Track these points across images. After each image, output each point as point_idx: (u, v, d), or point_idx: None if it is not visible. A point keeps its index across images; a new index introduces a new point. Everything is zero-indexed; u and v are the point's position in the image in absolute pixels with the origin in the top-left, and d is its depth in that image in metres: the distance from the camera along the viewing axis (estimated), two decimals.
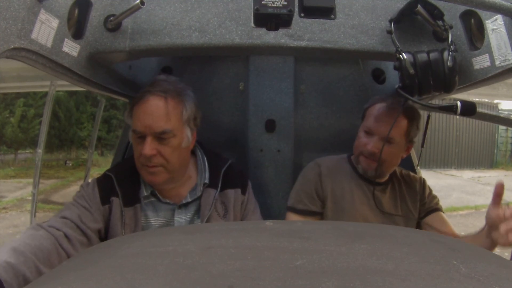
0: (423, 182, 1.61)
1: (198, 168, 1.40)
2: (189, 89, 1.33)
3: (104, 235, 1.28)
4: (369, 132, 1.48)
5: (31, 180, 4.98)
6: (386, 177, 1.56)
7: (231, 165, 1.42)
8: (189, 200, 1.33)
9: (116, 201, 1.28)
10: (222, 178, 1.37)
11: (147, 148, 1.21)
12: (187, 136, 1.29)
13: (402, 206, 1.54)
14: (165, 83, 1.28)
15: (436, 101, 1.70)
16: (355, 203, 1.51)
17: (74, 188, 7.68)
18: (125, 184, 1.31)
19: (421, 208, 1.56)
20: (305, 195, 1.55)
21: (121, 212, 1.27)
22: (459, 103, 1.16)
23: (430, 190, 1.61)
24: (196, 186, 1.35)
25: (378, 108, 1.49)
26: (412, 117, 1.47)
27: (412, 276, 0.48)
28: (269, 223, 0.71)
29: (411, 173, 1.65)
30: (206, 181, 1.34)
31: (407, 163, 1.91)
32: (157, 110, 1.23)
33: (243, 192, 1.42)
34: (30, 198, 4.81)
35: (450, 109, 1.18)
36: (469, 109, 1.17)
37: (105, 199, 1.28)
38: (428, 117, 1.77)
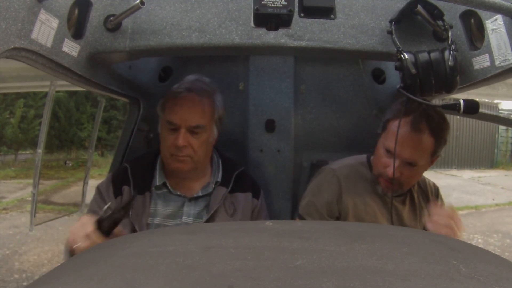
0: (436, 191, 1.57)
1: (212, 168, 1.50)
2: (219, 91, 1.48)
3: None
4: (391, 152, 1.33)
5: (31, 181, 4.99)
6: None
7: (244, 171, 1.53)
8: (200, 194, 1.42)
9: (127, 189, 1.39)
10: (234, 181, 1.46)
11: (181, 139, 1.34)
12: (214, 133, 1.44)
13: (420, 217, 1.48)
14: (201, 83, 1.41)
15: (436, 102, 1.70)
16: (377, 216, 1.44)
17: (74, 189, 7.67)
18: (139, 173, 1.41)
19: None
20: (315, 209, 1.47)
21: (129, 197, 1.36)
22: (462, 102, 1.16)
23: (442, 200, 1.57)
24: (209, 184, 1.45)
25: (402, 128, 1.31)
26: (439, 133, 1.35)
27: (412, 276, 0.48)
28: (269, 223, 0.71)
29: (426, 179, 1.57)
30: (219, 179, 1.45)
31: None
32: (194, 106, 1.36)
33: (256, 197, 1.50)
34: (30, 198, 4.81)
35: (453, 107, 1.18)
36: (472, 108, 1.17)
37: (117, 191, 1.40)
38: None
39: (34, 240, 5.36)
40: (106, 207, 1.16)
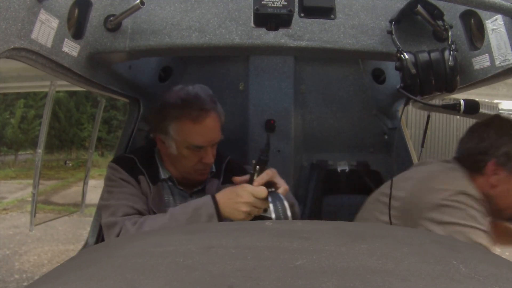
0: None
1: None
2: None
3: None
4: None
5: (31, 181, 4.99)
6: None
7: (231, 160, 1.57)
8: (200, 188, 1.48)
9: (143, 179, 1.40)
10: (224, 172, 1.51)
11: (210, 157, 1.39)
12: None
13: None
14: (208, 98, 1.40)
15: (435, 102, 1.70)
16: None
17: (75, 189, 7.67)
18: (146, 165, 1.43)
19: None
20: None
21: (149, 188, 1.39)
22: (462, 102, 1.16)
23: None
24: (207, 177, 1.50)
25: None
26: None
27: (412, 276, 0.48)
28: (269, 223, 0.71)
29: None
30: (214, 170, 1.50)
31: (407, 164, 1.91)
32: (215, 126, 1.39)
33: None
34: (30, 199, 4.81)
35: (453, 108, 1.18)
36: (472, 108, 1.17)
37: (135, 177, 1.40)
38: (428, 117, 1.77)
39: (34, 240, 5.37)
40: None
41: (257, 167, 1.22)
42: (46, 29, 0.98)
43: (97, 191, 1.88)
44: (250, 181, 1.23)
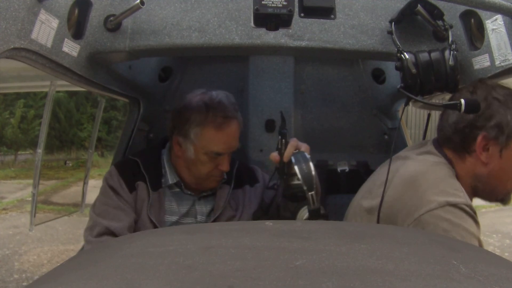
0: None
1: None
2: None
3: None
4: None
5: (31, 181, 4.99)
6: None
7: (240, 164, 1.56)
8: (209, 193, 1.46)
9: (142, 185, 1.38)
10: (235, 178, 1.50)
11: (227, 165, 1.39)
12: None
13: None
14: (232, 106, 1.39)
15: (435, 101, 1.70)
16: None
17: (74, 189, 7.67)
18: (150, 170, 1.41)
19: None
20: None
21: (148, 195, 1.37)
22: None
23: None
24: None
25: None
26: None
27: (412, 276, 0.48)
28: (269, 223, 0.71)
29: None
30: (225, 176, 1.47)
31: None
32: (236, 133, 1.39)
33: (252, 183, 1.54)
34: (30, 199, 4.81)
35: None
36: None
37: (131, 186, 1.37)
38: (429, 116, 1.76)
39: (34, 240, 5.37)
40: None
41: (283, 140, 1.21)
42: (46, 29, 0.98)
43: (97, 191, 1.87)
44: (281, 155, 1.21)
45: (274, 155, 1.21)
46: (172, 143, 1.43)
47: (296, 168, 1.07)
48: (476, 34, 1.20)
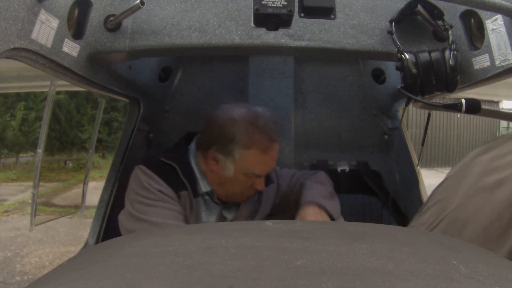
0: None
1: None
2: None
3: None
4: None
5: (32, 183, 4.99)
6: None
7: None
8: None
9: (184, 195, 1.32)
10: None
11: (263, 185, 1.38)
12: None
13: None
14: (276, 127, 1.36)
15: (435, 101, 1.70)
16: None
17: (75, 191, 7.67)
18: (188, 177, 1.34)
19: None
20: None
21: (189, 204, 1.32)
22: (463, 101, 1.16)
23: None
24: None
25: None
26: None
27: (412, 276, 0.48)
28: (269, 223, 0.71)
29: None
30: None
31: (407, 164, 1.91)
32: (277, 155, 1.37)
33: (267, 184, 1.48)
34: (31, 200, 4.81)
35: (454, 107, 1.18)
36: (473, 107, 1.17)
37: (175, 191, 1.31)
38: (429, 115, 1.76)
39: (36, 242, 5.36)
40: None
41: None
42: (46, 29, 0.98)
43: (97, 193, 1.88)
44: None
45: None
46: (205, 154, 1.35)
47: None
48: (476, 34, 1.20)
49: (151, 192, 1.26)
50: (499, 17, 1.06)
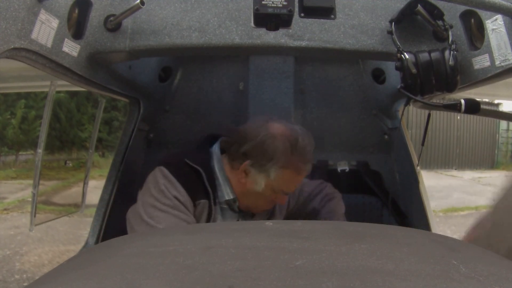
0: None
1: None
2: None
3: None
4: None
5: (32, 182, 4.99)
6: None
7: None
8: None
9: (203, 203, 1.27)
10: None
11: (285, 200, 1.41)
12: None
13: None
14: (312, 149, 1.34)
15: (435, 101, 1.70)
16: None
17: (75, 190, 7.66)
18: (212, 183, 1.30)
19: None
20: None
21: (208, 212, 1.29)
22: (463, 101, 1.16)
23: None
24: None
25: None
26: None
27: (412, 276, 0.48)
28: (269, 223, 0.71)
29: None
30: None
31: (407, 164, 1.91)
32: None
33: None
34: (31, 199, 4.81)
35: (454, 107, 1.18)
36: (473, 107, 1.17)
37: (194, 199, 1.26)
38: (429, 116, 1.76)
39: (35, 240, 5.36)
40: None
41: None
42: (46, 29, 0.98)
43: (97, 192, 1.87)
44: None
45: None
46: (235, 164, 1.32)
47: None
48: (476, 34, 1.20)
49: (167, 198, 1.22)
50: (499, 17, 1.06)
